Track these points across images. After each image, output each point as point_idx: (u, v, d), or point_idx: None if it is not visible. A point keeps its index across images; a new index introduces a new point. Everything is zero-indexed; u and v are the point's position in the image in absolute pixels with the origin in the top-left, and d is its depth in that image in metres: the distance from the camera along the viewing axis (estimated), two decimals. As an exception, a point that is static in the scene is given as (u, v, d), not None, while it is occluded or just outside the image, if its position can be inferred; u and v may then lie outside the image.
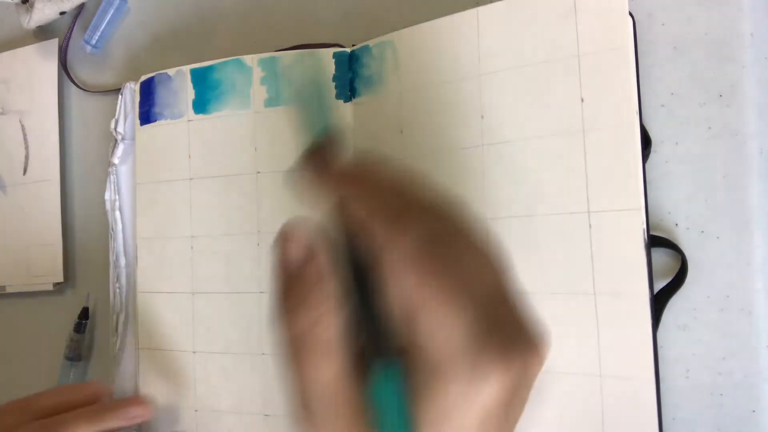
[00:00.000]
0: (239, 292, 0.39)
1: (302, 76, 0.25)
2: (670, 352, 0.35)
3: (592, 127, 0.31)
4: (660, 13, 0.35)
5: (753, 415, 0.33)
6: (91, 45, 0.49)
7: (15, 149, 0.51)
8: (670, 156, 0.35)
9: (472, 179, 0.34)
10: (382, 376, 0.21)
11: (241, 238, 0.39)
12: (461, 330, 0.19)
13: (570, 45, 0.31)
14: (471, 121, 0.34)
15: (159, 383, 0.42)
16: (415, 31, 0.36)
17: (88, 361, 0.48)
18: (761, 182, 0.34)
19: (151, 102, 0.43)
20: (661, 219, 0.35)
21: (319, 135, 0.24)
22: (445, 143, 0.34)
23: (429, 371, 0.20)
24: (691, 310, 0.34)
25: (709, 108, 0.34)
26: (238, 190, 0.40)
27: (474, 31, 0.34)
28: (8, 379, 0.51)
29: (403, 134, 0.36)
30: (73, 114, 0.50)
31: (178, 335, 0.41)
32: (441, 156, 0.35)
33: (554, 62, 0.31)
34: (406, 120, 0.36)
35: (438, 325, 0.20)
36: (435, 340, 0.20)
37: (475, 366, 0.19)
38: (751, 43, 0.34)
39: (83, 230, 0.49)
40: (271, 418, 0.38)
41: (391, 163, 0.23)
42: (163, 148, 0.42)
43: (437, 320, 0.20)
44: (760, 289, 0.33)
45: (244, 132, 0.40)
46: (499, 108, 0.33)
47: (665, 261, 0.35)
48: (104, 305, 0.47)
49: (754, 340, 0.33)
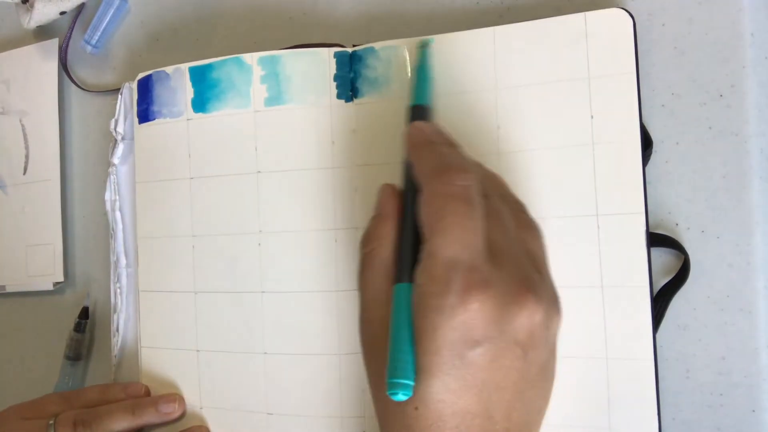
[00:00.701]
0: (241, 291, 0.39)
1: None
2: (670, 352, 0.35)
3: (599, 140, 0.34)
4: (660, 13, 0.35)
5: (753, 415, 0.33)
6: (91, 45, 0.49)
7: (15, 149, 0.51)
8: (670, 156, 0.35)
9: None
10: (398, 296, 0.26)
11: (242, 238, 0.39)
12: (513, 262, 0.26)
13: (581, 68, 0.34)
14: (487, 130, 0.36)
15: (161, 382, 0.42)
16: (432, 41, 0.36)
17: (88, 361, 0.48)
18: (761, 182, 0.34)
19: (150, 100, 0.43)
20: (662, 219, 0.35)
21: (425, 101, 0.33)
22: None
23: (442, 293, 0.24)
24: (691, 310, 0.34)
25: (709, 108, 0.34)
26: (239, 189, 0.40)
27: (491, 48, 0.36)
28: (8, 379, 0.51)
29: None
30: (73, 114, 0.50)
31: (181, 334, 0.41)
32: None
33: (567, 82, 0.34)
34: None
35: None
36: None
37: (516, 297, 0.24)
38: (751, 43, 0.34)
39: (83, 230, 0.49)
40: (274, 416, 0.38)
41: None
42: (162, 147, 0.42)
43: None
44: (760, 289, 0.33)
45: (244, 131, 0.40)
46: (514, 120, 0.35)
47: (668, 260, 0.35)
48: (104, 305, 0.47)
49: (754, 340, 0.33)
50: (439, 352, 0.24)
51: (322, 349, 0.37)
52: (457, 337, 0.24)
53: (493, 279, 0.24)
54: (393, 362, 0.24)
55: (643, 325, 0.33)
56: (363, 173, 0.37)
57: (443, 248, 0.25)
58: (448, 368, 0.24)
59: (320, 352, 0.37)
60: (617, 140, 0.33)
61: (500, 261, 0.25)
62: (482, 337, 0.24)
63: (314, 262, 0.38)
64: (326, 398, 0.37)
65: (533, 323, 0.24)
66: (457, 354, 0.24)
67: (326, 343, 0.37)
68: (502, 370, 0.24)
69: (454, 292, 0.24)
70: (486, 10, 0.39)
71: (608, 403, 0.33)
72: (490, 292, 0.24)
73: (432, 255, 0.25)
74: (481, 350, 0.24)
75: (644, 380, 0.33)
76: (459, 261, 0.24)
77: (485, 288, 0.24)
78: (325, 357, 0.37)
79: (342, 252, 0.37)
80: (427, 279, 0.25)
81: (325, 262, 0.38)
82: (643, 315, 0.33)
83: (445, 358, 0.24)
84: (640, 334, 0.33)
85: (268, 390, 0.39)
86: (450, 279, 0.24)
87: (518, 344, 0.24)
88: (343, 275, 0.37)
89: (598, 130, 0.34)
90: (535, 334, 0.25)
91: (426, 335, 0.24)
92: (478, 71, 0.36)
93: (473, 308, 0.23)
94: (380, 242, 0.28)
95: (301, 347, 0.38)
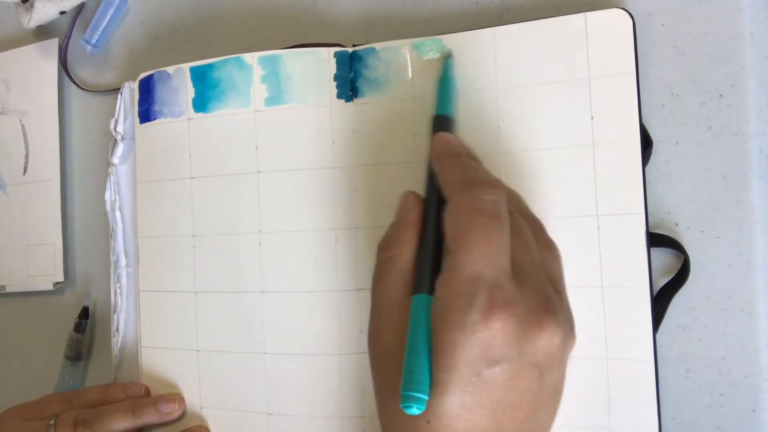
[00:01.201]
0: (241, 291, 0.39)
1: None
2: (670, 352, 0.35)
3: (600, 141, 0.34)
4: (660, 13, 0.35)
5: (753, 415, 0.33)
6: (91, 45, 0.49)
7: (15, 149, 0.51)
8: (670, 156, 0.35)
9: None
10: (417, 307, 0.26)
11: (242, 238, 0.39)
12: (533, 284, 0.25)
13: (581, 68, 0.34)
14: (487, 130, 0.36)
15: (161, 382, 0.42)
16: (433, 41, 0.36)
17: (88, 360, 0.48)
18: (761, 182, 0.34)
19: (151, 100, 0.43)
20: (662, 219, 0.35)
21: (449, 112, 0.33)
22: None
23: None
24: (691, 310, 0.34)
25: (709, 108, 0.34)
26: (239, 189, 0.40)
27: (491, 48, 0.36)
28: (8, 379, 0.51)
29: (415, 138, 0.37)
30: (73, 114, 0.50)
31: (181, 334, 0.41)
32: None
33: (567, 82, 0.34)
34: (420, 125, 0.36)
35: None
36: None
37: (539, 319, 0.24)
38: (751, 43, 0.34)
39: (83, 230, 0.49)
40: (273, 416, 0.38)
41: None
42: (163, 146, 0.42)
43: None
44: (760, 289, 0.33)
45: (245, 131, 0.40)
46: (514, 120, 0.35)
47: (668, 260, 0.35)
48: (104, 305, 0.47)
49: (754, 340, 0.33)
50: (457, 369, 0.23)
51: (322, 349, 0.37)
52: (476, 354, 0.23)
53: (516, 298, 0.24)
54: (408, 375, 0.24)
55: (643, 325, 0.33)
56: (363, 173, 0.37)
57: (468, 263, 0.25)
58: (465, 385, 0.23)
59: (320, 352, 0.37)
60: (617, 140, 0.34)
61: (523, 280, 0.25)
62: (501, 356, 0.23)
63: (314, 262, 0.38)
64: (326, 398, 0.37)
65: (552, 345, 0.24)
66: (474, 371, 0.23)
67: (326, 343, 0.37)
68: (517, 391, 0.24)
69: (476, 308, 0.23)
70: (486, 10, 0.39)
71: (608, 403, 0.33)
72: (512, 311, 0.24)
73: (456, 268, 0.25)
74: (499, 369, 0.23)
75: (644, 380, 0.33)
76: (483, 277, 0.24)
77: (508, 307, 0.24)
78: (325, 357, 0.37)
79: (342, 252, 0.37)
80: (449, 293, 0.25)
81: (325, 262, 0.38)
82: (643, 315, 0.33)
83: (463, 374, 0.23)
84: (640, 334, 0.33)
85: (268, 390, 0.39)
86: (473, 295, 0.24)
87: (536, 366, 0.24)
88: (343, 275, 0.37)
89: (598, 130, 0.34)
90: (552, 357, 0.25)
91: (445, 350, 0.24)
92: (478, 71, 0.36)
93: (495, 327, 0.23)
94: (401, 249, 0.28)
95: (301, 347, 0.38)
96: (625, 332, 0.33)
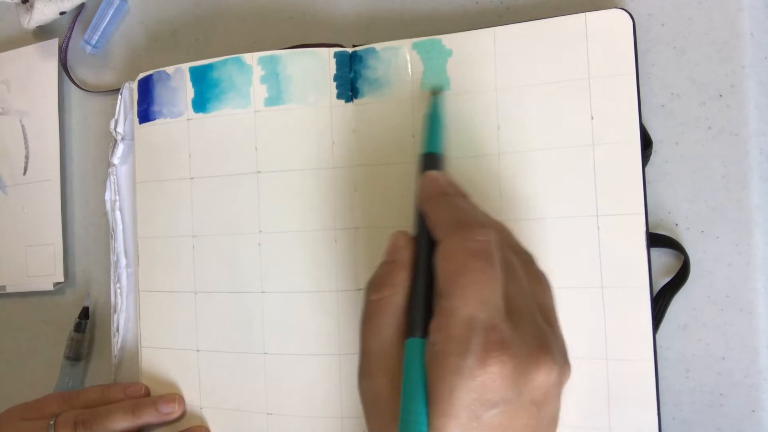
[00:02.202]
0: (241, 291, 0.39)
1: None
2: (670, 352, 0.35)
3: (600, 141, 0.34)
4: (660, 13, 0.35)
5: (753, 415, 0.33)
6: (91, 45, 0.49)
7: (15, 149, 0.51)
8: (670, 156, 0.35)
9: (489, 184, 0.35)
10: (411, 351, 0.25)
11: (242, 238, 0.39)
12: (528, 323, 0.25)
13: (581, 68, 0.34)
14: (487, 131, 0.35)
15: (161, 382, 0.42)
16: (433, 41, 0.36)
17: (88, 361, 0.48)
18: (761, 182, 0.34)
19: (150, 100, 0.43)
20: (661, 219, 0.35)
21: (437, 149, 0.33)
22: (460, 149, 0.36)
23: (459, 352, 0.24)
24: (691, 310, 0.34)
25: (709, 108, 0.34)
26: (239, 189, 0.40)
27: (491, 48, 0.36)
28: (8, 379, 0.51)
29: (415, 138, 0.37)
30: (73, 114, 0.50)
31: (181, 334, 0.41)
32: (456, 161, 0.35)
33: (567, 83, 0.34)
34: (420, 125, 0.36)
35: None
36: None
37: (535, 358, 0.24)
38: (751, 43, 0.34)
39: (83, 230, 0.49)
40: (274, 417, 0.38)
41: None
42: (162, 146, 0.42)
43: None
44: (760, 289, 0.33)
45: (244, 131, 0.40)
46: (514, 120, 0.35)
47: (668, 260, 0.35)
48: (104, 305, 0.47)
49: (754, 340, 0.33)
50: (456, 414, 0.23)
51: (322, 349, 0.37)
52: (474, 398, 0.23)
53: (512, 339, 0.24)
54: (406, 423, 0.24)
55: (643, 325, 0.33)
56: (363, 173, 0.37)
57: (462, 306, 0.24)
58: (465, 429, 0.23)
59: (320, 352, 0.37)
60: (617, 140, 0.34)
61: (517, 319, 0.25)
62: (500, 399, 0.23)
63: (314, 262, 0.38)
64: (326, 398, 0.37)
65: (549, 382, 0.24)
66: (474, 416, 0.23)
67: (326, 343, 0.37)
68: (516, 429, 0.24)
69: (472, 353, 0.23)
70: (486, 10, 0.39)
71: (608, 403, 0.33)
72: (509, 353, 0.23)
73: (450, 312, 0.25)
74: (498, 411, 0.23)
75: (644, 380, 0.33)
76: (477, 320, 0.24)
77: (504, 349, 0.23)
78: (325, 357, 0.37)
79: (342, 252, 0.37)
80: (444, 337, 0.24)
81: (325, 262, 0.38)
82: (643, 315, 0.33)
83: (463, 420, 0.23)
84: (640, 334, 0.33)
85: (268, 390, 0.39)
86: (469, 339, 0.24)
87: (534, 403, 0.24)
88: (343, 275, 0.37)
89: (598, 130, 0.34)
90: (549, 393, 0.25)
91: (442, 396, 0.24)
92: (478, 71, 0.36)
93: (492, 370, 0.23)
94: (393, 291, 0.27)
95: (301, 347, 0.38)
96: (625, 332, 0.33)
